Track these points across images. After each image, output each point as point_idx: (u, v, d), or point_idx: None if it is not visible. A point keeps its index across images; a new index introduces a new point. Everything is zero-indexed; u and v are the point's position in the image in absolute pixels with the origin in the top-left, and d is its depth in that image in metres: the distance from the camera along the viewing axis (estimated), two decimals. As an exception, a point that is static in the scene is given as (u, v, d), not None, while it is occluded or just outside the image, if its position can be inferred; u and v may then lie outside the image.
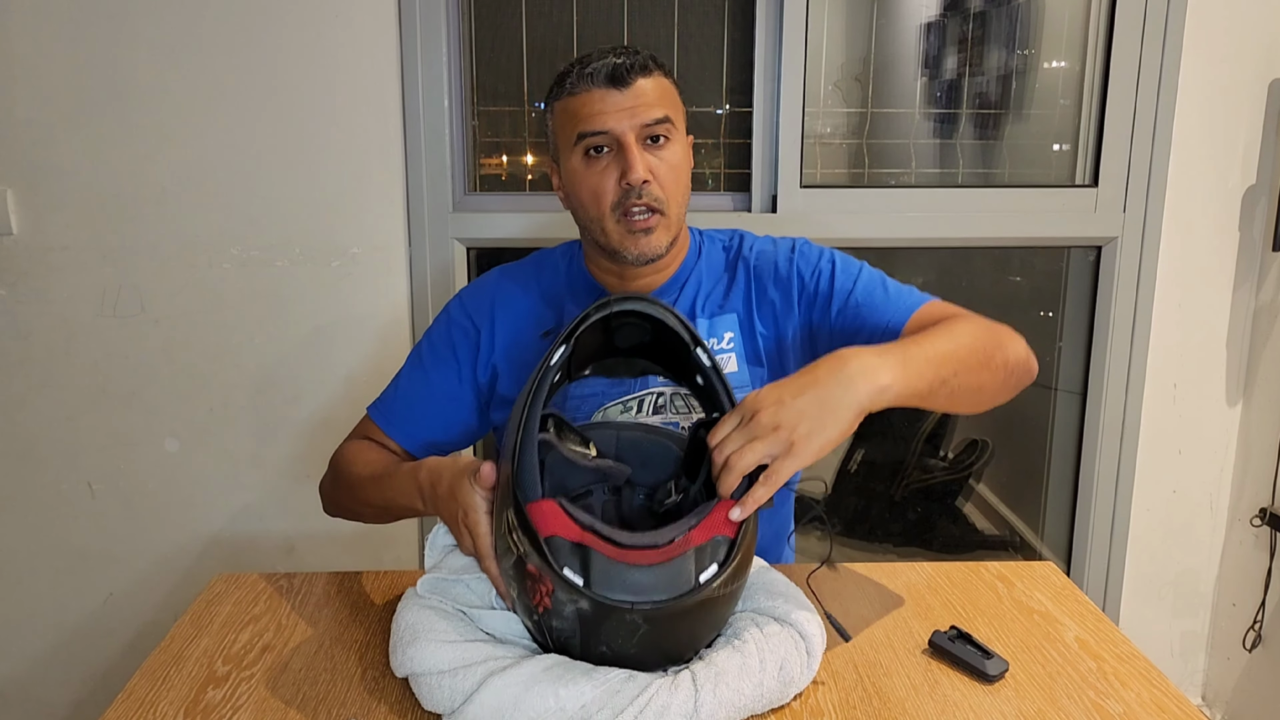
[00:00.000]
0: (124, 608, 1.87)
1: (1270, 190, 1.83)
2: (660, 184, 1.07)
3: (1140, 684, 0.89)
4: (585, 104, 1.05)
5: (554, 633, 0.81)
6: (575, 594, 0.77)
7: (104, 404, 1.78)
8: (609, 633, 0.78)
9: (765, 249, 1.20)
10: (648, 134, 1.06)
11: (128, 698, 0.86)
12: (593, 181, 1.07)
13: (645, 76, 1.06)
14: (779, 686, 0.83)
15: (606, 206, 1.07)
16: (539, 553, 0.79)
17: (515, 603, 0.85)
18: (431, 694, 0.81)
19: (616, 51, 1.06)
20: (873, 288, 1.14)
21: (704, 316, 1.16)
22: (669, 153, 1.08)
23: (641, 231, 1.08)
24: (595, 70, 1.05)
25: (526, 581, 0.81)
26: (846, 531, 2.25)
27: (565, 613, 0.79)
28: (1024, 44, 1.91)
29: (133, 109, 1.68)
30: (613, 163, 1.07)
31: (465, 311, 1.20)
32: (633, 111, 1.05)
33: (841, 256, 1.18)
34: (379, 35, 1.68)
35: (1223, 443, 1.95)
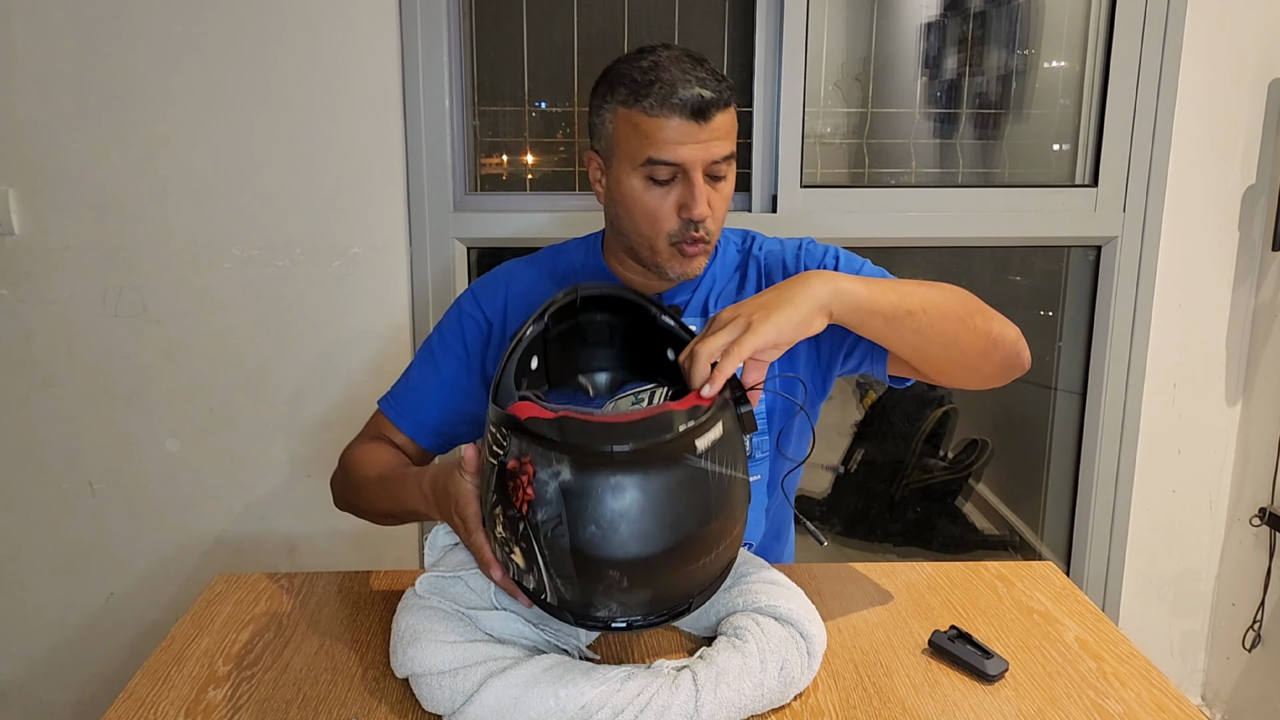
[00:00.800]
0: (124, 608, 1.87)
1: (1270, 190, 1.83)
2: (715, 217, 1.08)
3: (1140, 684, 0.89)
4: (661, 129, 1.03)
5: (542, 536, 0.75)
6: (556, 454, 0.74)
7: (105, 404, 1.79)
8: (595, 508, 0.73)
9: (774, 248, 1.21)
10: (713, 170, 1.06)
11: (128, 698, 0.86)
12: (651, 206, 1.07)
13: (724, 110, 1.04)
14: (780, 686, 0.83)
15: (663, 231, 1.07)
16: (518, 433, 0.76)
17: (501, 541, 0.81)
18: (432, 694, 0.82)
19: (699, 76, 1.03)
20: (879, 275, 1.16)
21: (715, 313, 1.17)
22: (725, 186, 1.08)
23: (691, 256, 1.09)
24: (681, 101, 1.01)
25: (508, 486, 0.77)
26: (846, 531, 2.25)
27: (548, 494, 0.74)
28: (1024, 44, 1.91)
29: (134, 109, 1.68)
30: (673, 191, 1.06)
31: (477, 304, 1.20)
32: (707, 147, 1.04)
33: (846, 254, 1.19)
34: (379, 35, 1.68)
35: (1222, 442, 1.95)
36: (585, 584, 0.76)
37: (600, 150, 1.11)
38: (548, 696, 0.77)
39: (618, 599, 0.77)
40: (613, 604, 0.77)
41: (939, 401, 2.17)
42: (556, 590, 0.78)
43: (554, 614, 0.82)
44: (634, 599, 0.77)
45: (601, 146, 1.10)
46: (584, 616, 0.79)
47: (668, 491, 0.75)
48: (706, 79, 1.03)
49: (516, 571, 0.81)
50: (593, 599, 0.77)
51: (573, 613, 0.79)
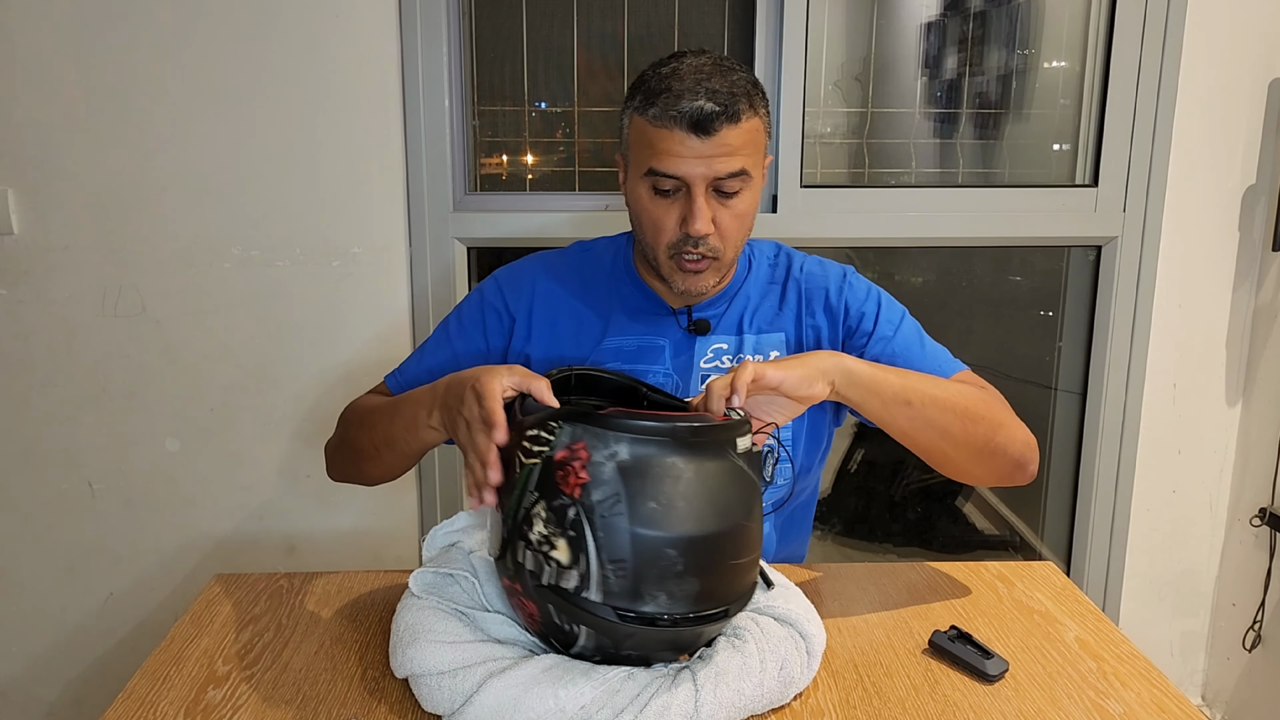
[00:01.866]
0: (124, 608, 1.87)
1: (1270, 190, 1.83)
2: (721, 235, 1.05)
3: (1140, 684, 0.89)
4: (662, 139, 1.01)
5: (597, 517, 0.75)
6: (614, 435, 0.76)
7: (104, 404, 1.79)
8: (654, 486, 0.75)
9: (815, 271, 1.19)
10: (719, 186, 1.03)
11: (128, 697, 0.86)
12: (655, 215, 1.05)
13: (732, 125, 1.00)
14: (779, 686, 0.83)
15: (664, 242, 1.06)
16: (570, 421, 0.78)
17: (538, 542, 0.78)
18: (432, 695, 0.81)
19: (710, 87, 0.99)
20: (910, 341, 1.14)
21: (751, 332, 1.16)
22: (737, 203, 1.05)
23: (691, 272, 1.07)
24: (680, 113, 0.99)
25: (555, 478, 0.77)
26: (846, 531, 2.25)
27: (605, 475, 0.75)
28: (1024, 44, 1.91)
29: (133, 109, 1.68)
30: (677, 203, 1.04)
31: (502, 295, 1.18)
32: (709, 162, 1.01)
33: (887, 298, 1.18)
34: (379, 35, 1.68)
35: (1222, 443, 1.95)
36: (639, 566, 0.75)
37: (623, 154, 1.10)
38: (547, 697, 0.77)
39: (668, 587, 0.76)
40: (661, 594, 0.76)
41: (939, 402, 2.17)
42: (604, 581, 0.75)
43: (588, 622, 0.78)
44: (683, 589, 0.76)
45: (622, 149, 1.10)
46: (628, 611, 0.76)
47: (717, 479, 0.79)
48: (718, 91, 0.99)
49: (554, 573, 0.77)
50: (643, 586, 0.75)
51: (617, 608, 0.76)
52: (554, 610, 0.79)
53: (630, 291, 1.17)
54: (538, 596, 0.79)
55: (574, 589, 0.76)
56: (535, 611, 0.81)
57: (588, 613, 0.77)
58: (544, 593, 0.78)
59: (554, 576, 0.77)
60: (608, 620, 0.76)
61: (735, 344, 1.16)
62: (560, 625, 0.80)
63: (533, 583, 0.79)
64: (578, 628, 0.79)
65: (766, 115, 1.06)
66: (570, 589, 0.77)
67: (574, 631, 0.79)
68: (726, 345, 1.16)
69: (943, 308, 2.14)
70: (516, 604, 0.84)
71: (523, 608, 0.83)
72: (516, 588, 0.81)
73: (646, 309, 1.17)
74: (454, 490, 1.88)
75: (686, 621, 0.77)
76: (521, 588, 0.80)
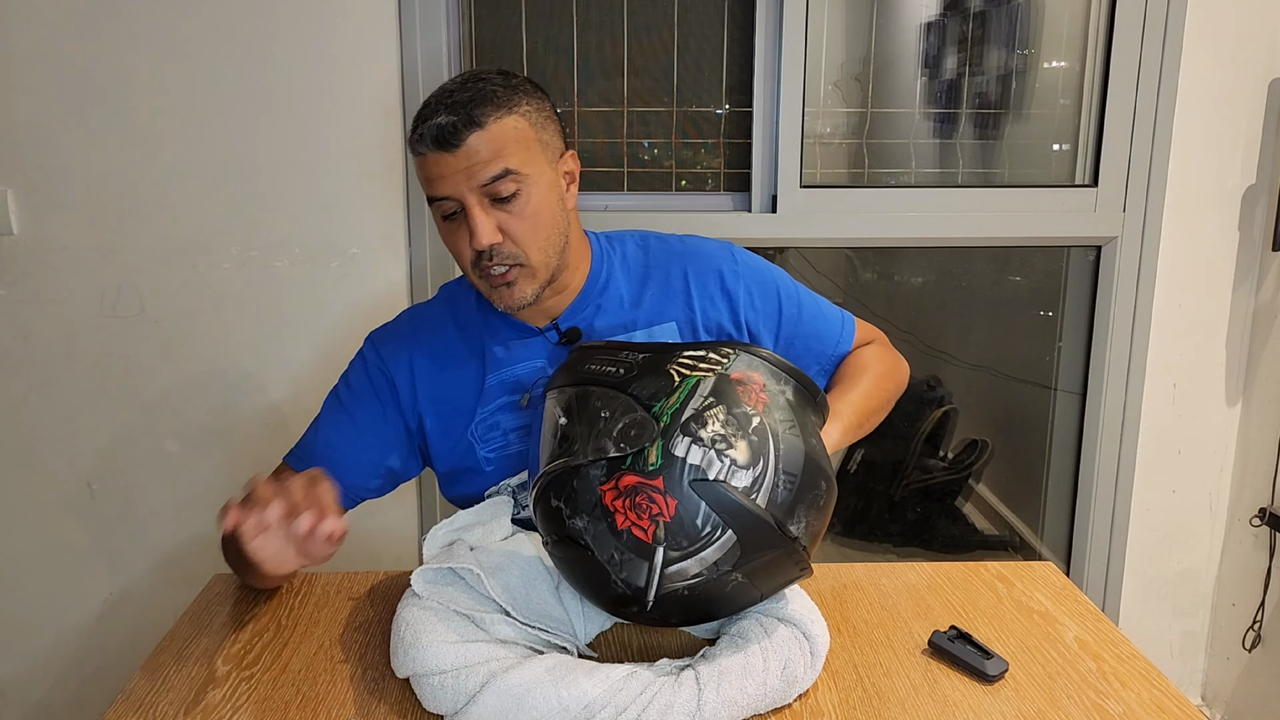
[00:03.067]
0: (123, 608, 1.87)
1: (1270, 190, 1.83)
2: (514, 239, 1.03)
3: (1140, 684, 0.89)
4: (423, 166, 1.01)
5: (781, 433, 0.83)
6: (784, 375, 0.88)
7: (103, 404, 1.78)
8: (812, 430, 0.87)
9: (701, 251, 1.18)
10: (489, 193, 1.00)
11: (127, 698, 0.86)
12: (452, 242, 1.05)
13: (477, 130, 0.98)
14: (782, 686, 0.83)
15: (467, 265, 1.05)
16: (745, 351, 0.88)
17: (712, 439, 0.81)
18: (434, 695, 0.81)
19: (450, 101, 0.99)
20: (814, 313, 1.21)
21: (640, 327, 1.13)
22: (520, 204, 1.02)
23: (502, 285, 1.04)
24: (424, 134, 0.99)
25: (737, 391, 0.84)
26: (846, 531, 2.25)
27: (780, 403, 0.85)
28: (1024, 44, 1.91)
29: (133, 109, 1.68)
30: (464, 223, 1.02)
31: (380, 358, 1.15)
32: (468, 173, 0.99)
33: (777, 271, 1.20)
34: (379, 35, 1.68)
35: (1222, 442, 1.95)
36: (803, 485, 0.83)
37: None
38: (550, 696, 0.77)
39: (810, 516, 0.84)
40: (804, 520, 0.84)
41: (939, 402, 2.17)
42: (774, 489, 0.82)
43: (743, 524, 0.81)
44: (815, 524, 0.85)
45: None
46: (782, 524, 0.82)
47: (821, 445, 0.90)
48: (458, 103, 0.98)
49: (726, 469, 0.80)
50: (798, 506, 0.83)
51: (775, 517, 0.81)
52: (705, 508, 0.80)
53: (496, 323, 1.14)
54: (692, 490, 0.81)
55: (745, 488, 0.81)
56: (670, 509, 0.80)
57: (750, 513, 0.81)
58: (705, 488, 0.80)
59: (726, 473, 0.81)
60: (765, 524, 0.81)
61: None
62: (699, 528, 0.80)
63: (692, 476, 0.80)
64: (721, 531, 0.81)
65: (535, 111, 1.04)
66: (741, 487, 0.81)
67: (711, 536, 0.81)
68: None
69: (943, 308, 2.14)
70: (638, 503, 0.81)
71: (648, 507, 0.81)
72: (653, 483, 0.80)
73: (515, 334, 1.14)
74: (454, 490, 1.88)
75: (799, 559, 0.85)
76: (665, 482, 0.80)
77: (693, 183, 1.87)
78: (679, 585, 0.81)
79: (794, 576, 0.87)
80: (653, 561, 0.81)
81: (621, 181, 1.86)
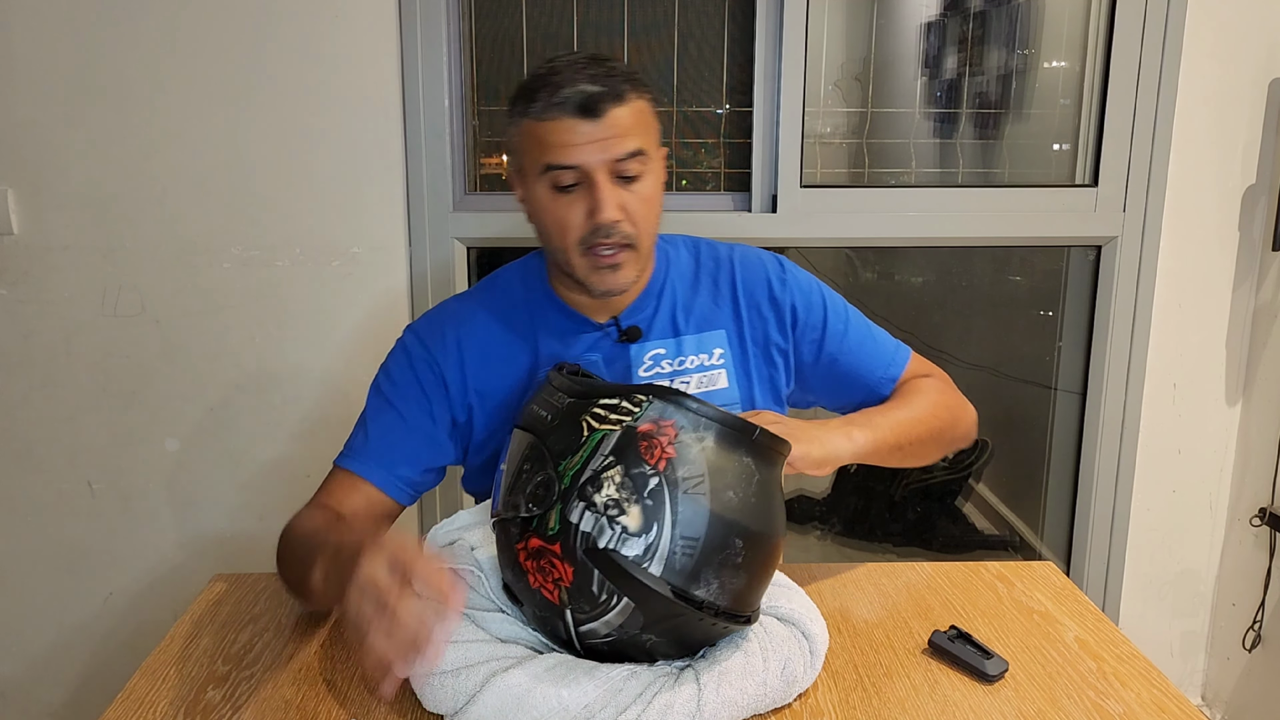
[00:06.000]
0: (124, 607, 1.87)
1: (1270, 190, 1.83)
2: (632, 220, 1.01)
3: (1140, 684, 0.89)
4: (553, 132, 0.98)
5: (680, 492, 0.78)
6: (704, 422, 0.80)
7: (104, 404, 1.78)
8: (735, 478, 0.80)
9: (751, 262, 1.16)
10: (619, 169, 0.99)
11: (128, 697, 0.86)
12: (559, 214, 1.01)
13: (619, 104, 0.98)
14: (783, 686, 0.83)
15: (573, 240, 1.02)
16: (661, 398, 0.82)
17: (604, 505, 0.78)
18: (434, 694, 0.81)
19: (590, 73, 0.97)
20: (862, 335, 1.17)
21: (689, 332, 1.12)
22: (643, 186, 1.01)
23: (608, 267, 1.02)
24: (566, 99, 0.96)
25: (640, 447, 0.79)
26: (846, 531, 2.25)
27: (692, 455, 0.79)
28: (1024, 44, 1.91)
29: (133, 109, 1.68)
30: (581, 197, 1.00)
31: (426, 349, 1.12)
32: (604, 145, 0.97)
33: (827, 289, 1.18)
34: (379, 35, 1.68)
35: (1222, 443, 1.95)
36: (707, 548, 0.78)
37: (515, 167, 1.07)
38: (551, 696, 0.77)
39: (723, 576, 0.79)
40: (715, 581, 0.79)
41: (939, 401, 2.17)
42: (670, 556, 0.77)
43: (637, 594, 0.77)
44: (734, 583, 0.80)
45: (513, 162, 1.06)
46: (683, 590, 0.78)
47: (774, 486, 0.85)
48: (598, 75, 0.97)
49: (616, 537, 0.77)
50: (704, 569, 0.78)
51: (673, 585, 0.77)
52: (599, 577, 0.78)
53: (551, 314, 1.12)
54: (586, 559, 0.78)
55: (635, 557, 0.77)
56: (569, 576, 0.79)
57: (642, 584, 0.77)
58: (597, 556, 0.78)
59: (617, 541, 0.77)
60: (660, 595, 0.77)
61: (674, 347, 1.12)
62: (596, 594, 0.78)
63: (584, 544, 0.78)
64: (617, 599, 0.78)
65: (653, 102, 1.04)
66: (631, 556, 0.77)
67: (610, 603, 0.78)
68: (664, 350, 1.11)
69: (943, 308, 2.14)
70: (542, 566, 0.81)
71: (550, 571, 0.80)
72: (553, 549, 0.79)
73: (572, 328, 1.12)
74: (454, 490, 1.87)
75: (724, 615, 0.80)
76: (562, 548, 0.79)
77: (693, 183, 1.87)
78: (595, 641, 0.82)
79: (722, 631, 0.83)
80: (565, 620, 0.82)
81: (621, 181, 1.86)
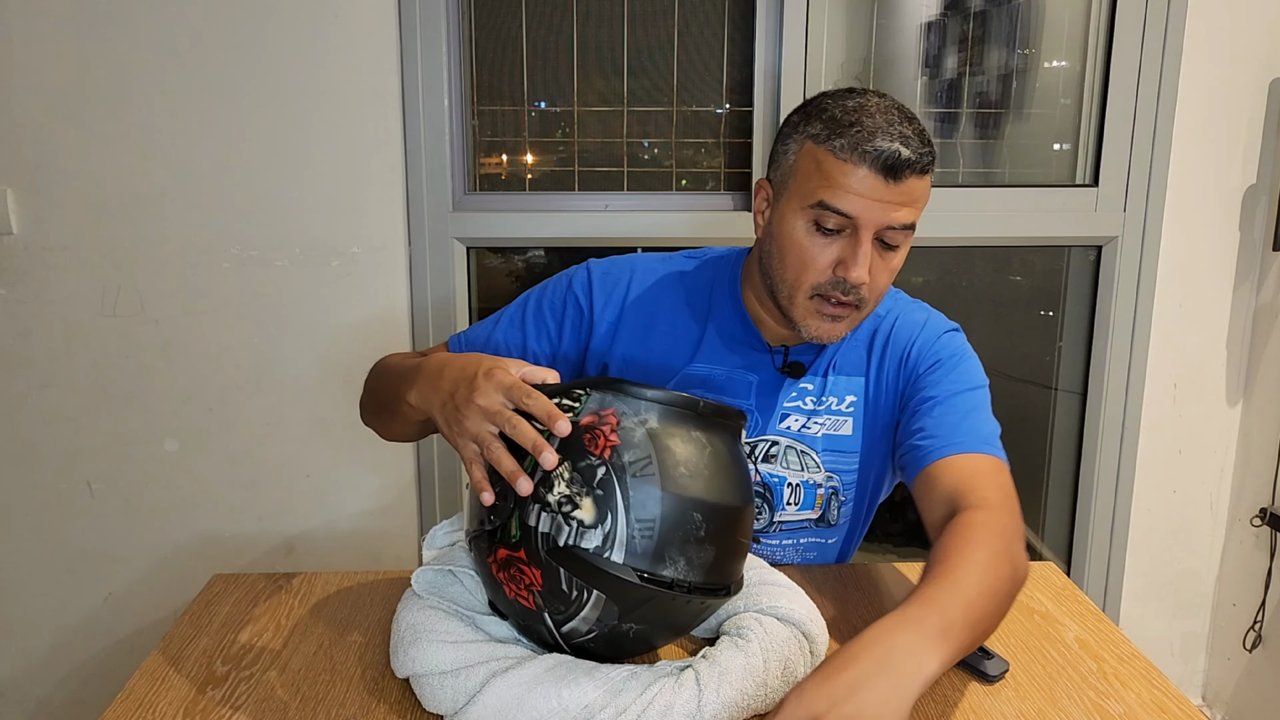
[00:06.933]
0: (123, 608, 1.87)
1: (1270, 190, 1.83)
2: (872, 286, 1.00)
3: (1140, 684, 0.89)
4: (847, 175, 0.95)
5: (629, 477, 0.77)
6: (645, 403, 0.79)
7: (104, 404, 1.78)
8: (682, 452, 0.79)
9: (912, 316, 1.13)
10: (886, 236, 0.98)
11: (127, 698, 0.86)
12: (810, 252, 0.99)
13: (920, 176, 0.96)
14: (784, 686, 0.83)
15: (810, 281, 1.00)
16: (599, 388, 0.81)
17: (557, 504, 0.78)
18: (434, 695, 0.81)
19: (903, 132, 0.95)
20: (969, 408, 1.07)
21: (835, 374, 1.12)
22: (896, 257, 1.01)
23: (830, 317, 1.01)
24: (876, 151, 0.93)
25: (584, 440, 0.78)
26: (846, 531, 2.25)
27: (636, 439, 0.78)
28: (1024, 43, 1.91)
29: (133, 109, 1.68)
30: (837, 244, 0.98)
31: (589, 291, 1.11)
32: (888, 210, 0.96)
33: (968, 364, 1.10)
34: (379, 35, 1.68)
35: (1223, 443, 1.95)
36: (666, 528, 0.77)
37: (774, 179, 1.04)
38: (550, 696, 0.76)
39: (689, 552, 0.78)
40: (681, 559, 0.78)
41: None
42: (630, 541, 0.76)
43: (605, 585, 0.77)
44: (701, 556, 0.79)
45: (776, 176, 1.04)
46: (648, 574, 0.77)
47: (731, 456, 0.83)
48: (911, 138, 0.95)
49: (575, 533, 0.77)
50: (666, 549, 0.77)
51: (638, 570, 0.76)
52: (565, 575, 0.78)
53: (729, 316, 1.12)
54: (550, 560, 0.78)
55: (596, 549, 0.77)
56: (539, 580, 0.79)
57: (607, 574, 0.76)
58: (559, 555, 0.77)
59: (575, 536, 0.77)
60: (627, 581, 0.77)
61: (819, 385, 1.12)
62: (567, 592, 0.78)
63: (545, 546, 0.78)
64: (588, 594, 0.78)
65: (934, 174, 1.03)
66: (591, 548, 0.77)
67: (582, 600, 0.78)
68: (811, 386, 1.12)
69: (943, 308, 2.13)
70: (511, 576, 0.81)
71: (521, 579, 0.80)
72: (519, 556, 0.79)
73: (743, 339, 1.11)
74: (454, 490, 1.87)
75: (698, 591, 0.79)
76: (527, 553, 0.79)
77: (693, 183, 1.87)
78: (581, 640, 0.82)
79: (702, 607, 0.82)
80: (545, 624, 0.82)
81: (621, 181, 1.86)
